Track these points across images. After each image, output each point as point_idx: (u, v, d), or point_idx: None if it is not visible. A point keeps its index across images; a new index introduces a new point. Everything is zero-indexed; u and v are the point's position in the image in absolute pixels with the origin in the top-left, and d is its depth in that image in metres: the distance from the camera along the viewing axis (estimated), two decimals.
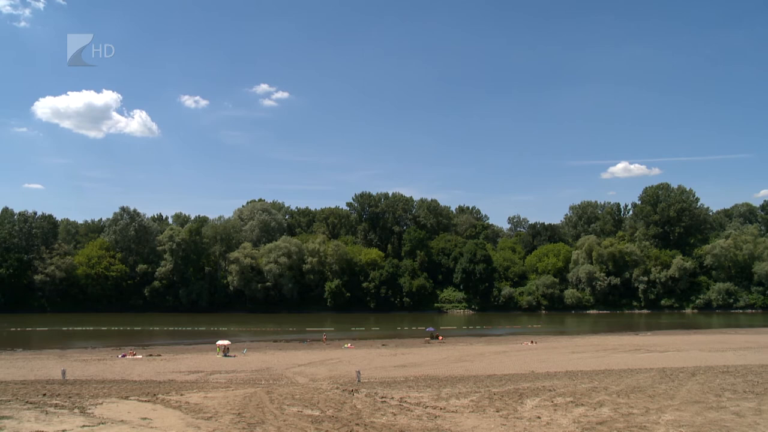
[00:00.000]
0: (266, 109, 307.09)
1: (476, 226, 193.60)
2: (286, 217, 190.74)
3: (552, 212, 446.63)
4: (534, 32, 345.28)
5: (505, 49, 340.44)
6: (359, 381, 35.14)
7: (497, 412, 21.65)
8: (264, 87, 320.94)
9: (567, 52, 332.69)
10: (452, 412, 21.73)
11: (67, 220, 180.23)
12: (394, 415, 20.59)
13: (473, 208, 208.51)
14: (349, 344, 76.10)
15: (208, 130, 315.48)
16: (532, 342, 77.19)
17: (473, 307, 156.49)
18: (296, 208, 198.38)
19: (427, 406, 22.80)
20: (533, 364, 48.57)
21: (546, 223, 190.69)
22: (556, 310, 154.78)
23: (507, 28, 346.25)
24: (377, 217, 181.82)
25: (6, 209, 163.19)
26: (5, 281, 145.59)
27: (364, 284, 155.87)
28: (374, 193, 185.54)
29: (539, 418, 20.52)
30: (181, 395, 23.71)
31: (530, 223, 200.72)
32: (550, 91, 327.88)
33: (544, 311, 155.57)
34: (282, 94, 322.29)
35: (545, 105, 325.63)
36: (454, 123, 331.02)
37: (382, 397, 25.29)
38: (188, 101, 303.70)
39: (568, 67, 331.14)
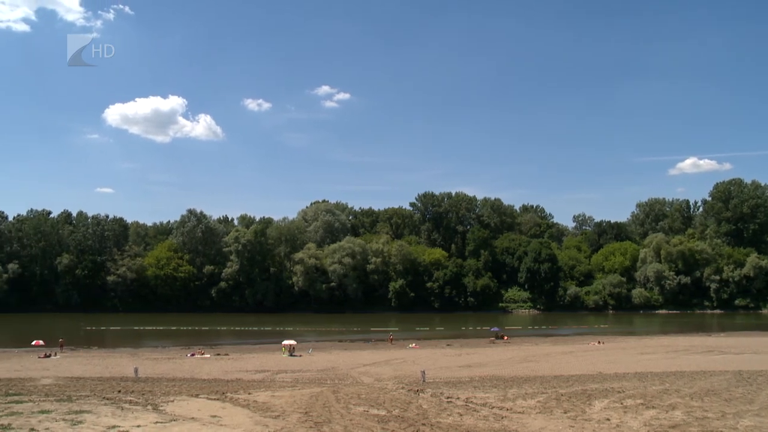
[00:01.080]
0: (328, 110, 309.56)
1: (540, 224, 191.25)
2: (350, 217, 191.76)
3: (618, 210, 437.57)
4: (598, 26, 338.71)
5: (568, 44, 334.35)
6: (424, 381, 34.96)
7: (565, 413, 21.26)
8: (325, 89, 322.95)
9: (633, 47, 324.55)
10: (519, 413, 21.44)
11: (137, 222, 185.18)
12: (461, 415, 20.44)
13: (537, 206, 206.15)
14: (413, 344, 76.06)
15: (271, 133, 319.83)
16: (599, 342, 75.70)
17: (538, 306, 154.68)
18: (359, 208, 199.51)
19: (494, 407, 22.55)
20: (601, 364, 47.61)
21: (612, 221, 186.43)
22: (623, 310, 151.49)
23: (570, 23, 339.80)
24: (440, 217, 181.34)
25: (81, 213, 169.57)
26: (81, 282, 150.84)
27: (428, 284, 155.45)
28: (437, 193, 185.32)
29: (608, 420, 19.98)
30: (249, 394, 24.06)
31: (596, 221, 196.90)
32: (615, 86, 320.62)
33: (611, 311, 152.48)
34: (343, 95, 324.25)
35: (610, 100, 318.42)
36: (516, 120, 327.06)
37: (448, 398, 25.13)
38: (251, 104, 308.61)
39: (634, 62, 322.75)
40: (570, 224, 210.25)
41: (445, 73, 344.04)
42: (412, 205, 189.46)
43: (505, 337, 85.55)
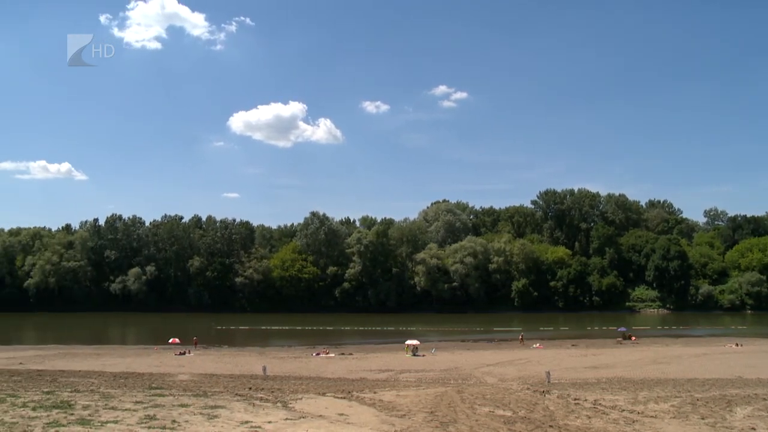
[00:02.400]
0: (445, 110, 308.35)
1: (668, 220, 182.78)
2: (471, 217, 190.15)
3: (755, 204, 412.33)
4: (728, 13, 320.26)
5: (695, 32, 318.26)
6: (549, 382, 34.19)
7: (702, 419, 20.03)
8: (443, 88, 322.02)
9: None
10: (651, 417, 20.45)
11: (263, 225, 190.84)
12: (589, 418, 19.77)
13: (665, 202, 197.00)
14: (537, 344, 74.61)
15: (389, 134, 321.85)
16: (737, 345, 71.28)
17: (668, 306, 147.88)
18: (480, 207, 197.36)
19: (624, 410, 21.63)
20: (740, 368, 44.92)
21: (749, 216, 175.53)
22: (763, 310, 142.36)
23: (694, 10, 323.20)
24: (563, 215, 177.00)
25: (210, 217, 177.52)
26: (211, 284, 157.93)
27: (552, 283, 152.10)
28: (559, 190, 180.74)
29: (753, 429, 18.36)
30: (374, 393, 24.32)
31: (730, 215, 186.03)
32: (746, 74, 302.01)
33: (749, 311, 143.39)
34: (460, 95, 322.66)
35: (741, 89, 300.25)
36: (640, 113, 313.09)
37: (575, 399, 24.41)
38: (369, 107, 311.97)
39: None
40: (701, 219, 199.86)
41: (563, 67, 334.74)
42: (533, 203, 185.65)
43: (633, 338, 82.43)
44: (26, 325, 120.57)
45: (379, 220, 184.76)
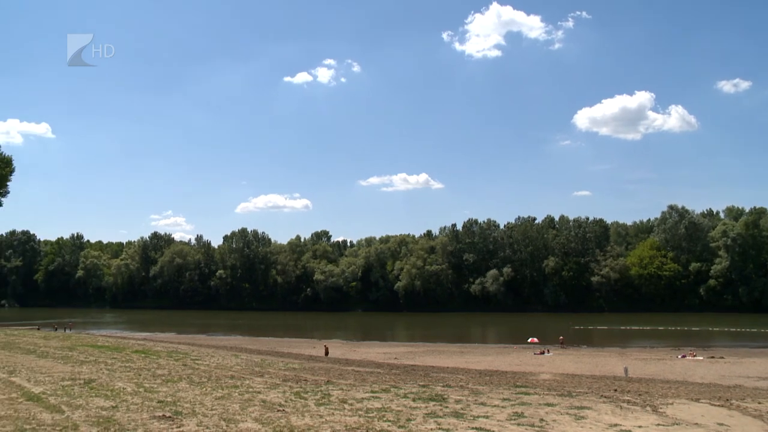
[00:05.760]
0: None
1: None
2: None
3: None
4: None
5: None
6: None
7: None
8: None
9: None
10: None
11: (617, 222, 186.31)
12: None
13: None
14: None
15: (752, 114, 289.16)
16: None
17: None
18: None
19: None
20: None
21: None
22: None
23: None
24: None
25: (562, 217, 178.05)
26: (567, 283, 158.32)
27: None
28: None
29: None
30: (759, 403, 22.01)
31: None
32: None
33: None
34: None
35: None
36: None
37: None
38: (726, 86, 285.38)
39: None
40: None
41: None
42: None
43: None
44: (397, 324, 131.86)
45: (747, 210, 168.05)
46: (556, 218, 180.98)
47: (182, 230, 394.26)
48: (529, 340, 75.74)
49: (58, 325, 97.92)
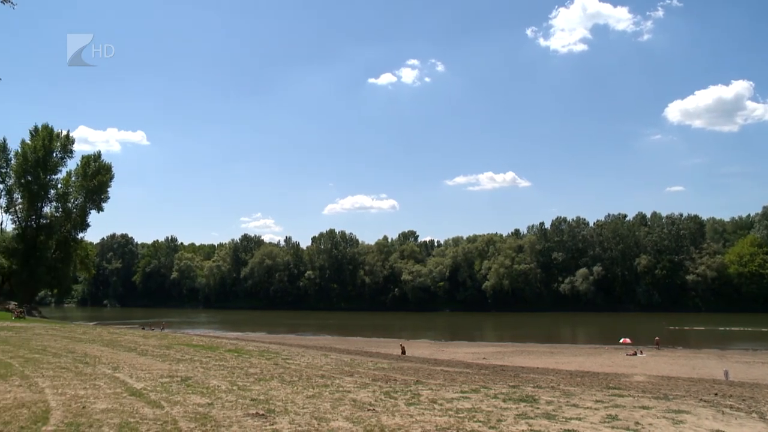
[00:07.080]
0: None
1: None
2: None
3: None
4: None
5: None
6: None
7: None
8: None
9: None
10: None
11: (713, 218, 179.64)
12: None
13: None
14: None
15: None
16: None
17: None
18: None
19: None
20: None
21: None
22: None
23: None
24: None
25: (654, 214, 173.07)
26: (660, 282, 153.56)
27: None
28: None
29: None
30: None
31: None
32: None
33: None
34: None
35: None
36: None
37: None
38: None
39: None
40: None
41: None
42: None
43: None
44: (485, 324, 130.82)
45: None
46: (648, 215, 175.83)
47: (271, 232, 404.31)
48: (621, 341, 73.65)
49: (152, 325, 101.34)
